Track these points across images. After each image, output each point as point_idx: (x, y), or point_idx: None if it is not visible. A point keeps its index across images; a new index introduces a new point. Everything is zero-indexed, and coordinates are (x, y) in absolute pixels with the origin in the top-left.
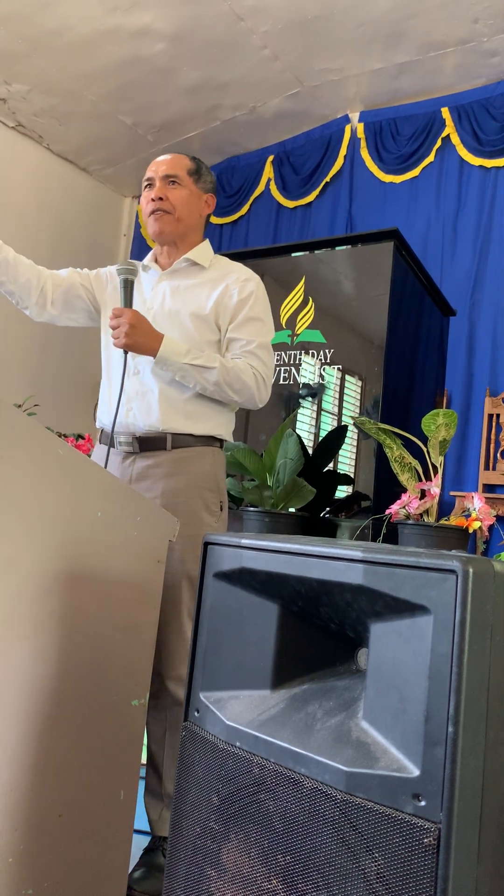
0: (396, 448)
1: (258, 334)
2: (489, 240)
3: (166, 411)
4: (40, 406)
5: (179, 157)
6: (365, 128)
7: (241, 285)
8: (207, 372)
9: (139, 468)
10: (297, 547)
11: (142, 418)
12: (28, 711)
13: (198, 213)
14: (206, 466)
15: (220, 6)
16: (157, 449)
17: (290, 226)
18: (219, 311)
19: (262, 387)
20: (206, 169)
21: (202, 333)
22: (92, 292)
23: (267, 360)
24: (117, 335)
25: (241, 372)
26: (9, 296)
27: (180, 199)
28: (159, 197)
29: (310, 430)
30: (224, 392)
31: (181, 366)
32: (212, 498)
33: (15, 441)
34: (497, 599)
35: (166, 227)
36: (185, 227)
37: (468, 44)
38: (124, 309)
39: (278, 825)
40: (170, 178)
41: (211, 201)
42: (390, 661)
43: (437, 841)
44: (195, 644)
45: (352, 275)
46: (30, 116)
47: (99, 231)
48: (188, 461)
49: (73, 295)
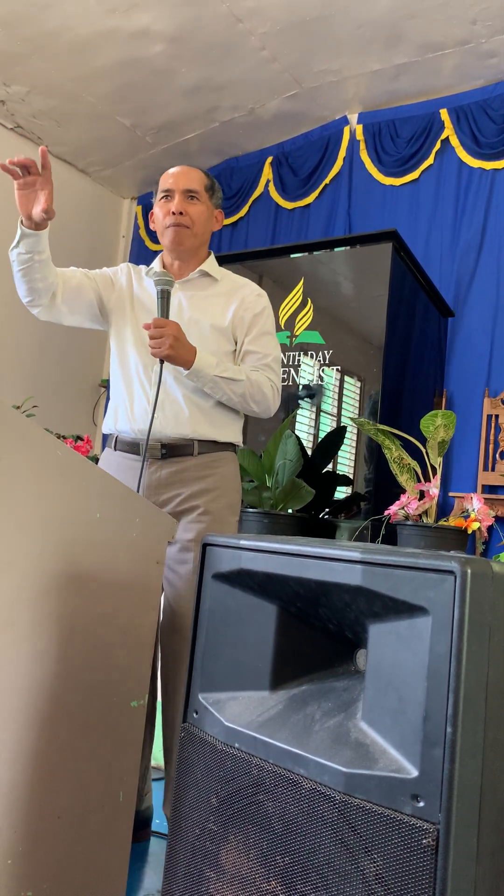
0: (395, 449)
1: (273, 348)
2: (488, 241)
3: (195, 419)
4: (39, 407)
5: (197, 172)
6: (364, 129)
7: (255, 300)
8: (235, 384)
9: (165, 474)
10: (296, 548)
11: (170, 426)
12: (27, 712)
13: (210, 228)
14: (229, 471)
15: (218, 7)
16: (183, 455)
17: (288, 227)
18: (236, 323)
19: (276, 398)
20: (217, 185)
21: (220, 344)
22: (99, 294)
23: (279, 372)
24: (159, 345)
25: (261, 384)
26: (30, 292)
27: (199, 215)
28: (180, 211)
29: (309, 431)
30: (247, 403)
31: (212, 378)
32: (235, 499)
33: (14, 442)
34: (495, 600)
35: (186, 241)
36: (201, 241)
37: (467, 45)
38: (167, 321)
39: (277, 826)
40: (190, 192)
41: (220, 217)
42: (389, 661)
43: (435, 842)
44: (194, 645)
45: (350, 276)
46: (28, 118)
47: (98, 232)
48: (213, 465)
49: (81, 295)
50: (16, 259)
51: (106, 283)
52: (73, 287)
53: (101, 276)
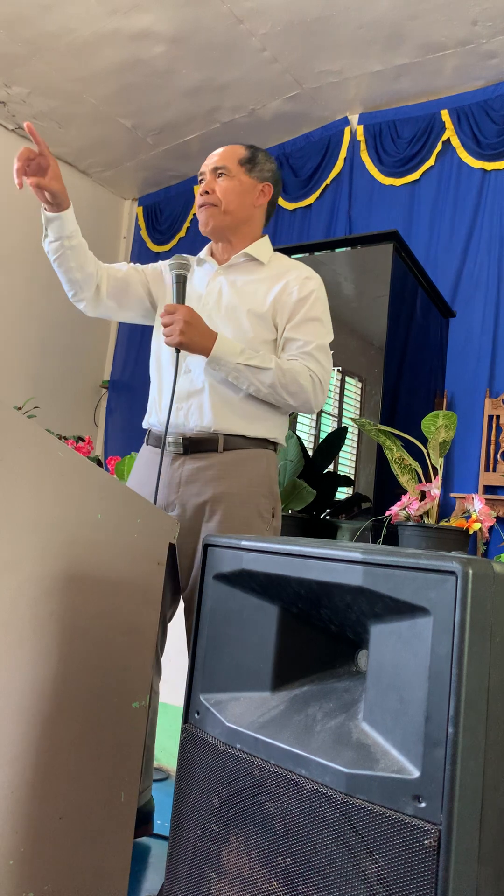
0: (396, 449)
1: (317, 335)
2: (488, 241)
3: (219, 411)
4: (40, 408)
5: (233, 148)
6: (364, 130)
7: (301, 283)
8: (262, 373)
9: (188, 471)
10: (297, 549)
11: (193, 418)
12: (28, 713)
13: (250, 204)
14: (259, 470)
15: (219, 8)
16: (207, 451)
17: (289, 228)
18: (277, 308)
19: (318, 390)
20: (263, 156)
21: (258, 332)
22: (148, 287)
23: (325, 362)
24: (170, 332)
25: (297, 374)
26: (70, 284)
27: (228, 191)
28: (206, 191)
29: (310, 431)
30: (279, 394)
31: (235, 366)
32: (265, 504)
33: (15, 443)
34: (497, 600)
35: (211, 219)
36: (236, 219)
37: (467, 46)
38: (178, 305)
39: (279, 827)
40: (219, 170)
41: (267, 190)
42: (390, 662)
43: (437, 842)
44: (195, 646)
45: (351, 277)
46: (29, 119)
47: (99, 233)
48: (241, 464)
49: (128, 289)
50: (49, 249)
51: (156, 276)
52: (119, 280)
53: (151, 269)
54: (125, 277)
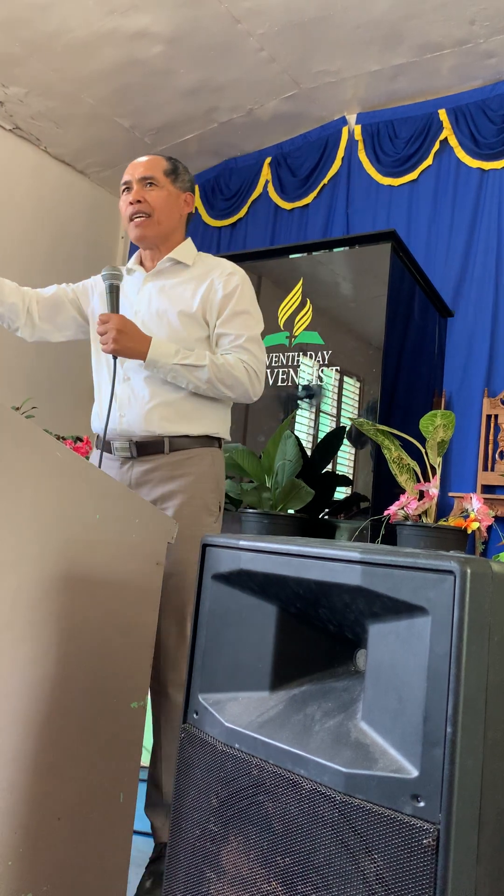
0: (395, 449)
1: (246, 328)
2: (486, 241)
3: (161, 415)
4: (38, 409)
5: (155, 158)
6: (362, 130)
7: (225, 279)
8: (198, 371)
9: (137, 473)
10: (296, 548)
11: (136, 424)
12: (27, 714)
13: (178, 213)
14: (204, 467)
15: (216, 8)
16: (154, 453)
17: (287, 228)
18: (205, 307)
19: (254, 380)
20: (182, 167)
21: (190, 331)
22: (78, 304)
23: (257, 352)
24: (105, 341)
25: (231, 367)
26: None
27: (159, 201)
28: (137, 200)
29: (308, 431)
30: (217, 389)
31: (171, 367)
32: (212, 499)
33: (13, 444)
34: (495, 600)
35: (148, 231)
36: (167, 228)
37: (465, 45)
38: (111, 315)
39: (277, 827)
40: (146, 179)
41: (190, 200)
42: (389, 662)
43: (436, 842)
44: (194, 646)
45: (349, 276)
46: (27, 119)
47: (97, 233)
48: (187, 463)
49: (59, 310)
50: None
51: (84, 292)
52: (48, 302)
53: (80, 287)
54: (54, 299)
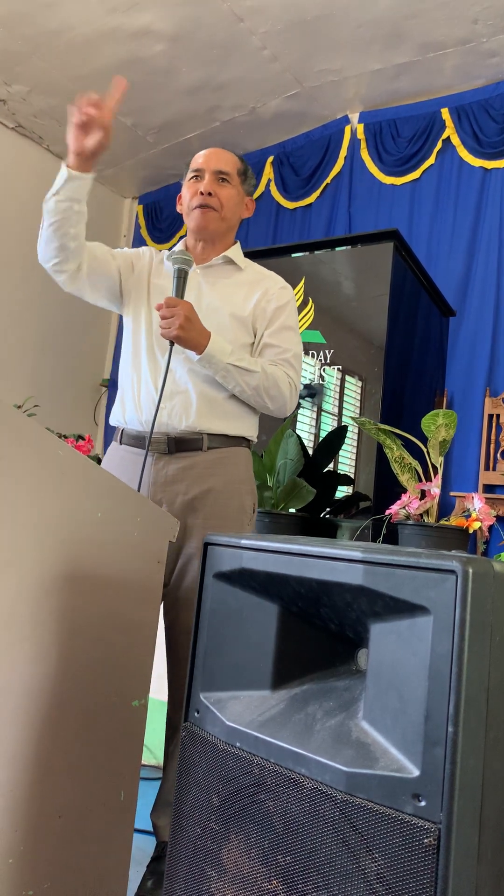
0: (396, 448)
1: (294, 344)
2: (489, 240)
3: (204, 411)
4: (40, 407)
5: (230, 154)
6: (365, 128)
7: (278, 291)
8: (249, 375)
9: (173, 470)
10: (297, 547)
11: (178, 418)
12: (28, 712)
13: (239, 215)
14: (241, 467)
15: (219, 7)
16: (192, 450)
17: (289, 226)
18: (257, 314)
19: (294, 397)
20: (251, 171)
21: (237, 334)
22: (120, 273)
23: (299, 370)
24: (169, 325)
25: (278, 379)
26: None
27: (229, 199)
28: (209, 192)
29: (310, 430)
30: (261, 397)
31: (225, 365)
32: (248, 500)
33: (15, 442)
34: (496, 599)
35: (211, 224)
36: (228, 227)
37: (468, 44)
38: (179, 300)
39: (278, 826)
40: (221, 174)
41: (251, 205)
42: (390, 661)
43: (437, 841)
44: (195, 645)
45: (351, 275)
46: (29, 117)
47: (98, 232)
48: (224, 462)
49: (104, 270)
50: (53, 208)
51: (127, 263)
52: (98, 259)
53: (123, 255)
54: (103, 257)
